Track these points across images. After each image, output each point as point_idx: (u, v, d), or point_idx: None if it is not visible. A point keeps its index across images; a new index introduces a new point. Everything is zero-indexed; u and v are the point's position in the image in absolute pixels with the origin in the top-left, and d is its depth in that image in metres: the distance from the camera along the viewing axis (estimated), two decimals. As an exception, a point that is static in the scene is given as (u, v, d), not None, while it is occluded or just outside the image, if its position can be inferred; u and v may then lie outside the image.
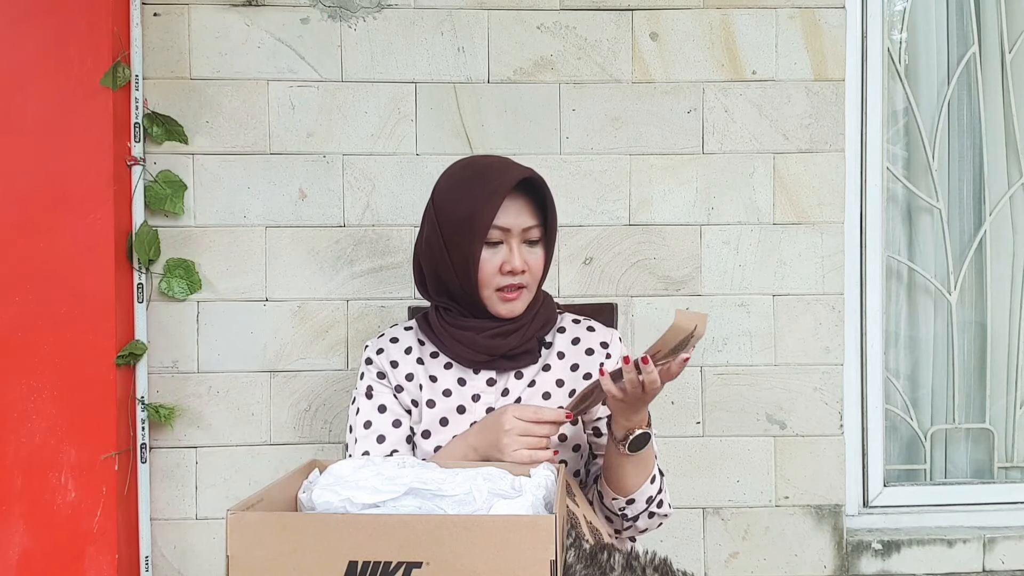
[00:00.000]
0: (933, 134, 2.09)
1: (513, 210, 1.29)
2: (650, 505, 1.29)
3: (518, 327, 1.34)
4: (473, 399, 1.33)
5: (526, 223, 1.30)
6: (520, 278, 1.31)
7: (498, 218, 1.27)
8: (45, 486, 1.73)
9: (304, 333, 1.87)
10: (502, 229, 1.28)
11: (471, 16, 1.89)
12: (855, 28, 1.99)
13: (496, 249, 1.30)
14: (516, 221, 1.29)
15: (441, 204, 1.32)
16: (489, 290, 1.31)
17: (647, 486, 1.27)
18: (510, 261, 1.29)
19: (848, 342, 1.98)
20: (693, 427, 1.92)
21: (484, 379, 1.35)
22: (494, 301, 1.31)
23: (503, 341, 1.33)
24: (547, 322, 1.38)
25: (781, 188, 1.93)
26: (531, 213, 1.31)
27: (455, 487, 1.00)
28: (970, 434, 2.14)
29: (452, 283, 1.32)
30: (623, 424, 1.22)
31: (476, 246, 1.27)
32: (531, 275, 1.32)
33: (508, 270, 1.29)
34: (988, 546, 1.97)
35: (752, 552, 1.93)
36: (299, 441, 1.88)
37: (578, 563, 1.03)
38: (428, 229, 1.34)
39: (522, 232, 1.30)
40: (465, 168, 1.34)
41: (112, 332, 1.75)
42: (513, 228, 1.29)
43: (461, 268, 1.29)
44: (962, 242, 2.12)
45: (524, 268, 1.30)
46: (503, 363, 1.34)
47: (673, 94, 1.92)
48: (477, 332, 1.33)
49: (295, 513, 1.03)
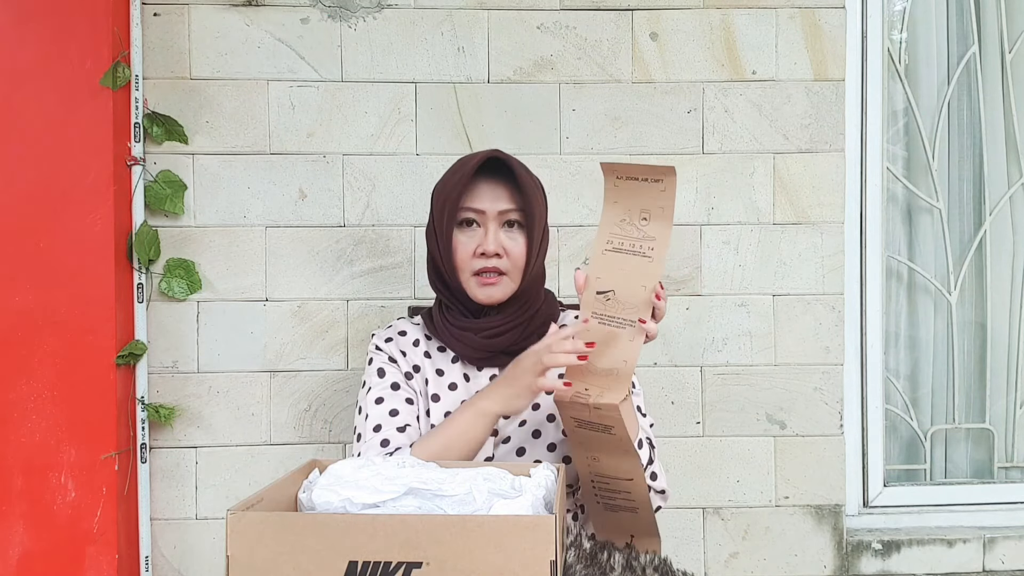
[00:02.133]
0: (933, 134, 2.09)
1: (488, 193, 1.31)
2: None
3: (514, 325, 1.34)
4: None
5: (502, 206, 1.31)
6: (496, 262, 1.31)
7: (471, 200, 1.30)
8: (45, 486, 1.73)
9: (304, 333, 1.87)
10: (476, 211, 1.31)
11: (471, 16, 1.89)
12: (855, 28, 1.99)
13: (472, 232, 1.32)
14: (491, 205, 1.31)
15: (434, 196, 1.37)
16: (466, 274, 1.32)
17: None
18: (484, 244, 1.30)
19: (848, 342, 1.98)
20: (693, 427, 1.92)
21: (487, 375, 1.36)
22: (472, 286, 1.33)
23: (500, 339, 1.34)
24: (549, 318, 1.38)
25: (781, 188, 1.93)
26: (509, 197, 1.32)
27: (455, 487, 1.00)
28: (970, 434, 2.14)
29: (444, 272, 1.34)
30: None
31: (450, 227, 1.31)
32: (511, 261, 1.32)
33: (481, 252, 1.30)
34: (988, 546, 1.97)
35: (752, 552, 1.93)
36: (299, 441, 1.88)
37: (578, 563, 1.04)
38: (428, 221, 1.38)
39: (498, 215, 1.31)
40: (457, 160, 1.38)
41: (112, 332, 1.75)
42: (488, 211, 1.31)
43: (445, 253, 1.32)
44: (962, 242, 2.12)
45: (499, 251, 1.31)
46: (506, 360, 1.34)
47: (673, 94, 1.92)
48: (475, 332, 1.34)
49: (295, 513, 1.03)
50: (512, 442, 1.33)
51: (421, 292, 1.88)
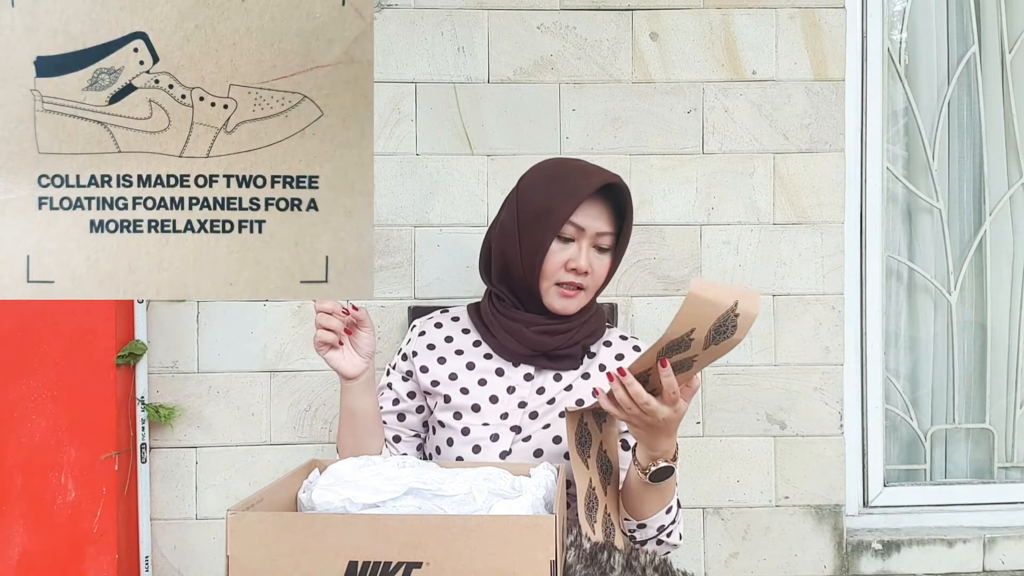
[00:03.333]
0: (933, 134, 2.09)
1: (592, 212, 1.32)
2: (660, 533, 1.29)
3: (566, 329, 1.36)
4: (508, 391, 1.36)
5: (601, 228, 1.33)
6: (582, 279, 1.34)
7: (576, 216, 1.31)
8: (45, 486, 1.73)
9: (304, 333, 1.87)
10: (577, 227, 1.32)
11: (471, 16, 1.89)
12: (855, 28, 1.99)
13: (566, 245, 1.33)
14: (592, 224, 1.33)
15: (524, 193, 1.36)
16: (549, 282, 1.34)
17: (661, 515, 1.27)
18: (576, 259, 1.32)
19: (848, 342, 1.98)
20: (693, 427, 1.92)
21: (522, 373, 1.37)
22: (552, 294, 1.35)
23: (549, 339, 1.35)
24: (595, 332, 1.41)
25: (781, 188, 1.93)
26: (608, 220, 1.34)
27: (455, 487, 1.00)
28: (970, 434, 2.14)
29: (516, 270, 1.35)
30: (646, 452, 1.20)
31: (548, 237, 1.31)
32: (593, 279, 1.35)
33: (572, 267, 1.33)
34: (988, 546, 1.97)
35: (752, 552, 1.93)
36: (299, 441, 1.88)
37: (578, 563, 1.04)
38: (506, 214, 1.38)
39: (595, 236, 1.33)
40: (557, 166, 1.39)
41: (112, 332, 1.75)
42: (588, 229, 1.33)
43: (528, 256, 1.33)
44: (962, 242, 2.12)
45: (588, 270, 1.34)
46: (544, 362, 1.36)
47: (673, 94, 1.92)
48: (526, 325, 1.36)
49: (295, 513, 1.04)
50: (532, 442, 1.34)
51: (421, 292, 1.88)
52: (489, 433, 1.34)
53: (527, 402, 1.35)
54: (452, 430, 1.35)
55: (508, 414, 1.34)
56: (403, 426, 1.43)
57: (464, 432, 1.34)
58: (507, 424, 1.34)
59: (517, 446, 1.33)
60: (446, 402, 1.36)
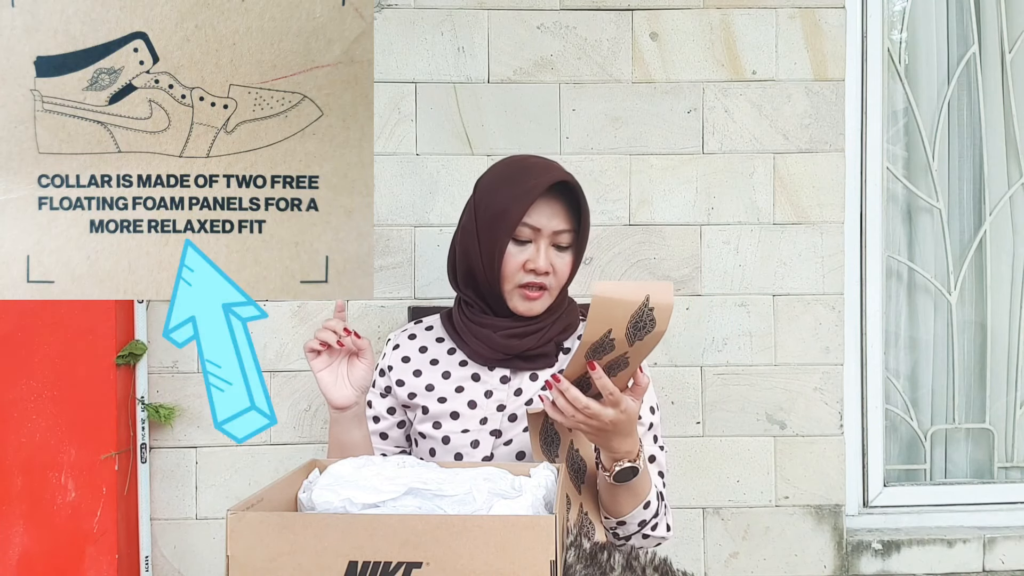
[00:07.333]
0: (933, 134, 2.09)
1: (547, 211, 1.31)
2: (643, 528, 1.29)
3: (536, 329, 1.35)
4: (486, 395, 1.35)
5: (557, 226, 1.32)
6: (543, 279, 1.33)
7: (529, 217, 1.30)
8: (45, 486, 1.73)
9: (304, 333, 1.87)
10: (532, 228, 1.31)
11: (471, 16, 1.89)
12: (855, 28, 1.99)
13: (524, 247, 1.32)
14: (548, 223, 1.31)
15: (480, 196, 1.35)
16: (511, 285, 1.33)
17: (639, 511, 1.27)
18: (535, 260, 1.31)
19: (848, 342, 1.98)
20: (693, 427, 1.92)
21: (498, 376, 1.36)
22: (515, 297, 1.33)
23: (519, 342, 1.34)
24: (568, 327, 1.40)
25: (781, 188, 1.93)
26: (564, 217, 1.33)
27: (455, 487, 1.00)
28: (970, 434, 2.14)
29: (479, 274, 1.34)
30: (606, 454, 1.20)
31: (504, 239, 1.30)
32: (555, 278, 1.34)
33: (531, 268, 1.32)
34: (988, 546, 1.97)
35: (752, 552, 1.93)
36: (299, 441, 1.88)
37: (578, 563, 1.04)
38: (466, 218, 1.37)
39: (552, 235, 1.32)
40: (510, 165, 1.37)
41: (112, 332, 1.75)
42: (544, 229, 1.31)
43: (488, 259, 1.31)
44: (962, 242, 2.12)
45: (548, 270, 1.32)
46: (519, 363, 1.35)
47: (673, 94, 1.92)
48: (494, 330, 1.35)
49: (295, 513, 1.03)
50: (513, 444, 1.34)
51: (421, 292, 1.88)
52: (470, 440, 1.33)
53: (505, 405, 1.34)
54: (433, 440, 1.34)
55: (487, 419, 1.34)
56: (387, 444, 1.42)
57: (444, 441, 1.34)
58: (487, 429, 1.33)
59: (499, 450, 1.33)
60: (424, 413, 1.35)
